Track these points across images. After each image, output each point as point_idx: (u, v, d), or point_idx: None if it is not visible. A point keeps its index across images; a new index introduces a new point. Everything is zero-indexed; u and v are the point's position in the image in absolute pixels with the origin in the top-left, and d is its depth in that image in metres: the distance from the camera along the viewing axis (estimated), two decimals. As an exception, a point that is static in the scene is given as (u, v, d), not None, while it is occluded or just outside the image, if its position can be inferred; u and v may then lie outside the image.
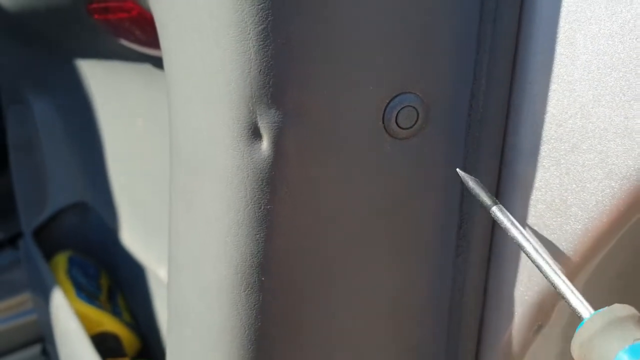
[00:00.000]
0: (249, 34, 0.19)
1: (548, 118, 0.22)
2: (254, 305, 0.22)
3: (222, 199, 0.22)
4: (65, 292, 0.65)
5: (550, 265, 0.19)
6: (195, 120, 0.22)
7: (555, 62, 0.21)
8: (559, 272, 0.19)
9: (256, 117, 0.20)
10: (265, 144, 0.21)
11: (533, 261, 0.20)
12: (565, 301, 0.18)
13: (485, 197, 0.21)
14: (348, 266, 0.23)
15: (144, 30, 0.42)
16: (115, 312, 0.70)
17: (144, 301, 0.65)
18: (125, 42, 0.45)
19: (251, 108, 0.20)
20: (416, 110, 0.22)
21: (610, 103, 0.20)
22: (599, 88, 0.21)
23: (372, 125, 0.21)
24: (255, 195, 0.21)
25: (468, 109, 0.23)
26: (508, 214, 0.21)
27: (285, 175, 0.21)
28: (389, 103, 0.21)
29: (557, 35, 0.21)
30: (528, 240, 0.20)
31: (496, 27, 0.22)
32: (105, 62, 0.62)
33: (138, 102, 0.57)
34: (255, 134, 0.21)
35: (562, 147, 0.22)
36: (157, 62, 0.48)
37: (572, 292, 0.17)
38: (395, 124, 0.22)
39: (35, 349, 0.90)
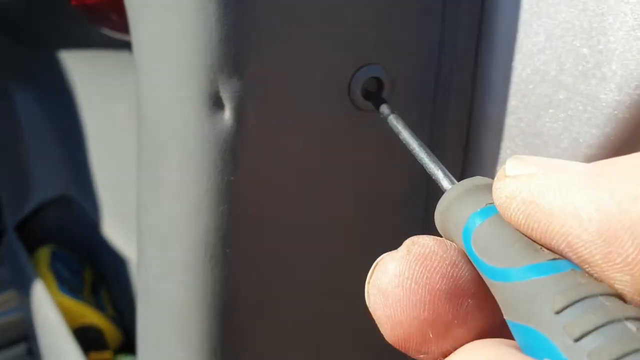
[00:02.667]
0: (210, 2, 0.19)
1: (513, 88, 0.22)
2: (219, 279, 0.22)
3: (187, 171, 0.22)
4: (48, 285, 0.65)
5: (422, 147, 0.18)
6: (160, 92, 0.22)
7: (519, 31, 0.21)
8: (429, 151, 0.18)
9: (218, 86, 0.20)
10: (227, 114, 0.20)
11: (408, 146, 0.19)
12: (431, 175, 0.17)
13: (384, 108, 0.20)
14: (312, 236, 0.23)
15: (121, 14, 0.42)
16: (99, 306, 0.69)
17: (128, 295, 0.65)
18: (104, 30, 0.44)
19: (212, 78, 0.20)
20: (382, 81, 0.22)
21: (573, 71, 0.20)
22: (562, 57, 0.21)
23: (336, 97, 0.21)
24: (218, 167, 0.21)
25: (434, 81, 0.22)
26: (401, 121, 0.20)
27: (247, 146, 0.21)
28: (354, 75, 0.21)
29: (521, 4, 0.21)
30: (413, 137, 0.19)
31: (461, -3, 0.21)
32: (87, 53, 0.62)
33: (120, 91, 0.57)
34: (217, 104, 0.20)
35: (528, 117, 0.22)
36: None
37: (439, 167, 0.17)
38: (360, 95, 0.21)
39: (21, 348, 0.89)
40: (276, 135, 0.21)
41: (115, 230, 0.64)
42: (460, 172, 0.24)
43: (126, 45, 0.53)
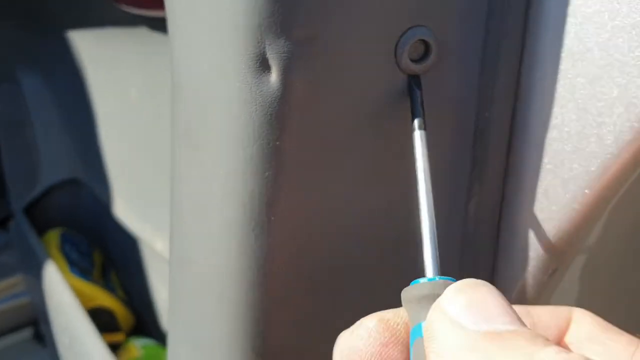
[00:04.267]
0: (258, -41, 0.19)
1: (565, 52, 0.21)
2: (263, 246, 0.22)
3: (229, 136, 0.21)
4: (59, 267, 0.64)
5: (428, 215, 0.19)
6: (200, 54, 0.21)
7: (572, -7, 0.21)
8: (433, 223, 0.18)
9: (264, 47, 0.19)
10: (274, 76, 0.20)
11: (418, 183, 0.19)
12: (422, 252, 0.18)
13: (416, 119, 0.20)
14: (357, 204, 0.22)
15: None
16: (109, 288, 0.69)
17: (139, 276, 0.65)
18: (122, 6, 0.44)
19: (259, 37, 0.19)
20: (429, 44, 0.21)
21: (630, 34, 0.20)
22: (617, 19, 0.20)
23: (383, 58, 0.21)
24: (263, 131, 0.20)
25: (482, 45, 0.22)
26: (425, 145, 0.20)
27: (294, 109, 0.20)
28: (401, 36, 0.21)
29: (575, -36, 0.20)
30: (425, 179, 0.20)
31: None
32: (97, 32, 0.61)
33: (132, 71, 0.56)
34: (263, 65, 0.20)
35: (580, 82, 0.21)
36: (154, 24, 0.47)
37: (433, 247, 0.18)
38: (407, 58, 0.21)
39: (27, 332, 0.89)
40: (323, 98, 0.20)
41: (125, 210, 0.64)
42: (506, 148, 0.23)
43: (137, 24, 0.52)
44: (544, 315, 0.20)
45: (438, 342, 0.17)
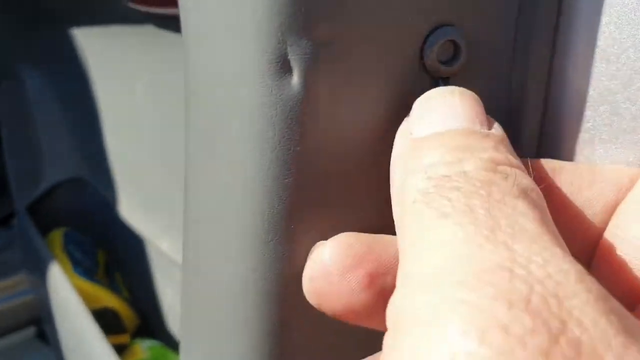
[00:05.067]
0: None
1: (598, 53, 0.20)
2: (282, 256, 0.21)
3: (248, 141, 0.20)
4: (63, 267, 0.64)
5: None
6: (217, 55, 0.20)
7: (607, -10, 0.20)
8: None
9: (286, 48, 0.19)
10: (295, 78, 0.19)
11: None
12: None
13: None
14: (380, 211, 0.21)
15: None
16: (113, 288, 0.68)
17: (144, 277, 0.64)
18: (129, 3, 0.43)
19: (281, 38, 0.18)
20: (459, 45, 0.20)
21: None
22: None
23: (410, 60, 0.20)
24: (284, 136, 0.19)
25: (512, 45, 0.21)
26: None
27: (316, 113, 0.19)
28: (428, 36, 0.20)
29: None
30: None
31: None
32: (101, 29, 0.60)
33: (137, 67, 0.55)
34: (284, 67, 0.19)
35: (614, 85, 0.20)
36: (161, 22, 0.46)
37: None
38: (435, 60, 0.20)
39: (29, 331, 0.88)
40: (346, 101, 0.19)
41: (130, 209, 0.63)
42: (536, 153, 0.22)
43: (144, 22, 0.51)
44: (605, 171, 0.19)
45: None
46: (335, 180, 0.20)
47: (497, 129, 0.18)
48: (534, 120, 0.22)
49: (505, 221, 0.14)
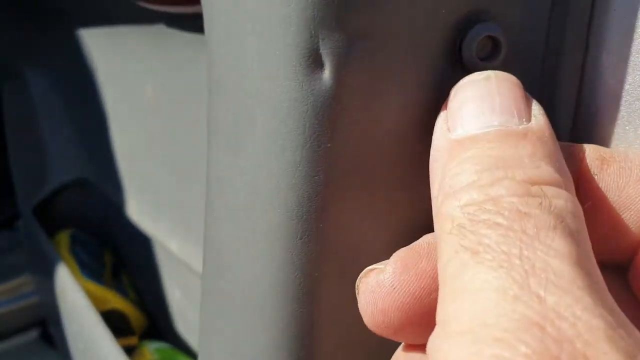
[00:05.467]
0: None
1: (635, 48, 0.20)
2: (311, 255, 0.20)
3: (277, 137, 0.20)
4: (70, 270, 0.63)
5: None
6: (244, 49, 0.20)
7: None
8: None
9: (318, 42, 0.18)
10: (327, 73, 0.18)
11: None
12: None
13: None
14: (411, 208, 0.21)
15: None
16: (120, 290, 0.68)
17: (151, 278, 0.63)
18: (140, 2, 0.42)
19: (313, 32, 0.18)
20: (498, 41, 0.19)
21: None
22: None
23: (447, 56, 0.19)
24: (314, 132, 0.19)
25: (545, 42, 0.20)
26: None
27: (348, 109, 0.19)
28: (467, 32, 0.19)
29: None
30: None
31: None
32: (109, 29, 0.60)
33: (145, 70, 0.54)
34: (316, 62, 0.18)
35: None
36: (172, 21, 0.45)
37: None
38: (475, 57, 0.19)
39: (33, 334, 0.88)
40: (379, 98, 0.19)
41: (138, 210, 0.62)
42: (569, 141, 0.22)
43: (154, 21, 0.50)
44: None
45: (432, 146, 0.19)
46: (367, 178, 0.20)
47: (537, 118, 0.17)
48: (567, 116, 0.21)
49: (539, 265, 0.14)
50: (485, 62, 0.19)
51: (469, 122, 0.18)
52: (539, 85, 0.21)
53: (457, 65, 0.19)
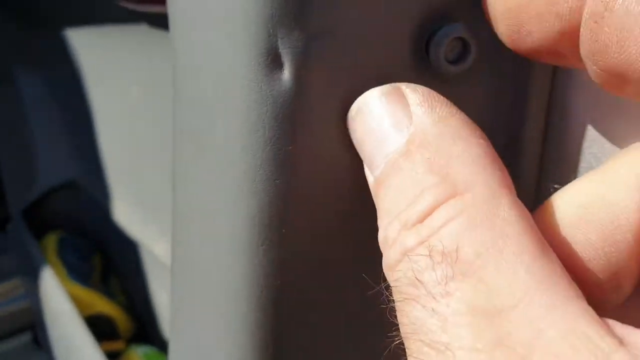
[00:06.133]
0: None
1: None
2: (273, 262, 0.19)
3: (237, 140, 0.19)
4: (57, 273, 0.62)
5: None
6: (204, 50, 0.19)
7: None
8: None
9: (277, 41, 0.17)
10: (286, 74, 0.18)
11: None
12: None
13: None
14: (374, 219, 0.20)
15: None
16: (109, 294, 0.67)
17: (140, 281, 0.63)
18: (122, 2, 0.42)
19: (271, 30, 0.17)
20: (467, 43, 0.19)
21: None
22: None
23: (413, 57, 0.19)
24: (274, 134, 0.18)
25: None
26: None
27: (308, 111, 0.18)
28: (435, 33, 0.18)
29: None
30: None
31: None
32: (95, 29, 0.59)
33: (132, 69, 0.54)
34: (275, 61, 0.18)
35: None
36: (155, 21, 0.45)
37: None
38: (443, 59, 0.19)
39: (26, 337, 0.87)
40: (341, 99, 0.18)
41: (126, 213, 0.62)
42: (542, 140, 0.21)
43: (137, 21, 0.50)
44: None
45: None
46: (330, 182, 0.19)
47: (416, 116, 0.16)
48: (539, 115, 0.21)
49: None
50: (453, 65, 0.18)
51: (370, 162, 0.17)
52: (511, 86, 0.20)
53: (423, 67, 0.19)
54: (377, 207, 0.17)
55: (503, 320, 0.13)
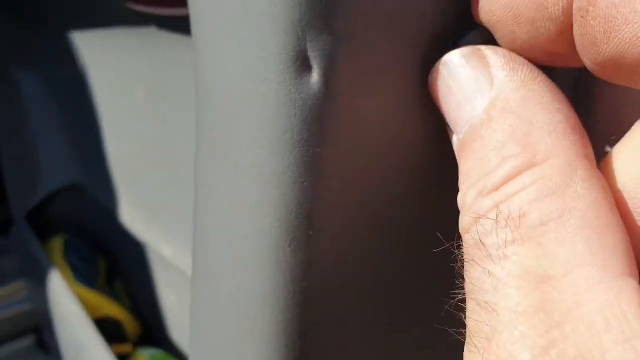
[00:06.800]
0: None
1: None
2: (301, 263, 0.20)
3: (264, 143, 0.19)
4: (63, 276, 0.62)
5: None
6: (231, 53, 0.19)
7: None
8: None
9: (306, 44, 0.18)
10: (315, 77, 0.18)
11: None
12: None
13: None
14: (404, 212, 0.20)
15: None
16: (115, 297, 0.67)
17: (145, 283, 0.63)
18: (130, 4, 0.41)
19: (300, 34, 0.17)
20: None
21: None
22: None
23: (441, 54, 0.19)
24: (303, 137, 0.18)
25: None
26: None
27: (337, 113, 0.18)
28: (462, 37, 0.19)
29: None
30: None
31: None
32: (100, 31, 0.59)
33: (138, 73, 0.54)
34: (304, 64, 0.18)
35: None
36: (164, 23, 0.45)
37: None
38: None
39: (29, 340, 0.87)
40: (370, 101, 0.18)
41: (131, 215, 0.62)
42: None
43: (145, 23, 0.50)
44: None
45: None
46: (359, 183, 0.19)
47: (497, 79, 0.16)
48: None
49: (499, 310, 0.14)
50: None
51: (454, 125, 0.17)
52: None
53: None
54: (459, 168, 0.17)
55: (549, 287, 0.13)
